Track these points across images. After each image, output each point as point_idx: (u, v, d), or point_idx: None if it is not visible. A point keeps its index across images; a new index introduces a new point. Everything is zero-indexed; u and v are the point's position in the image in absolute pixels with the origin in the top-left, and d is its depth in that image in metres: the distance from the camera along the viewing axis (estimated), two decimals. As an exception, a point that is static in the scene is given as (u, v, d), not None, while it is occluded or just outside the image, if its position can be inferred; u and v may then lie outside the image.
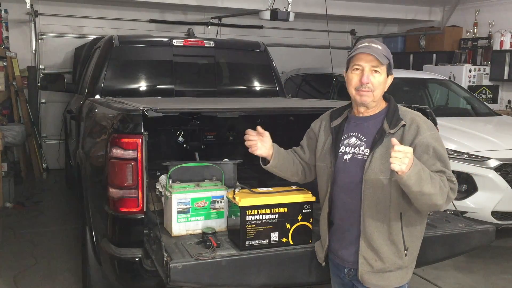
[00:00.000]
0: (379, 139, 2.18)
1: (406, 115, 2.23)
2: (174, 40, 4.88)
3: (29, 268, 4.46)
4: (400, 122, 2.18)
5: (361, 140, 2.25)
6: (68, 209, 6.28)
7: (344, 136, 2.31)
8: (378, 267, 2.22)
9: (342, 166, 2.27)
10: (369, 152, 2.19)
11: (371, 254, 2.22)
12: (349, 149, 2.27)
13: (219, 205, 2.84)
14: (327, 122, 2.42)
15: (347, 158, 2.26)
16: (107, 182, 2.81)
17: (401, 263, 2.24)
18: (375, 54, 2.15)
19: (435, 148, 2.15)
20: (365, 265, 2.23)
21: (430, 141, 2.15)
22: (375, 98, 2.21)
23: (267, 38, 8.55)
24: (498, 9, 8.80)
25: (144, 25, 8.96)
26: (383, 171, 2.14)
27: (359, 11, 9.55)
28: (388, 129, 2.18)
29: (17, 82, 7.65)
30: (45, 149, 8.59)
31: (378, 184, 2.16)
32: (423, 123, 2.20)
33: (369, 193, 2.18)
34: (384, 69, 2.20)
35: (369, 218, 2.19)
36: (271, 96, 5.19)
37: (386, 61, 2.18)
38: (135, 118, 2.70)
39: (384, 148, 2.15)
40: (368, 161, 2.17)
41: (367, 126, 2.26)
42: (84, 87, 4.94)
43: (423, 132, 2.16)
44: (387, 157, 2.08)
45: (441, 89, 7.14)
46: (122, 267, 2.80)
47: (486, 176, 4.93)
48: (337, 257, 2.37)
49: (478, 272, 4.63)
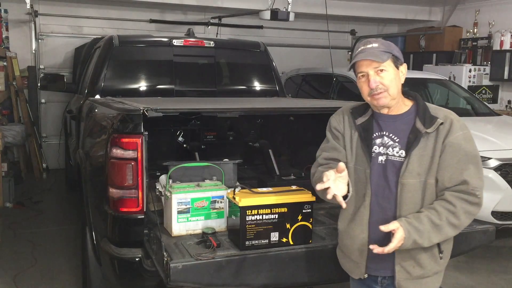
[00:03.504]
0: (414, 139, 2.07)
1: (438, 113, 2.11)
2: (174, 40, 4.87)
3: (29, 268, 4.46)
4: (437, 120, 2.07)
5: (393, 140, 2.13)
6: (68, 209, 6.27)
7: (374, 135, 2.17)
8: (416, 273, 2.14)
9: (377, 168, 2.14)
10: (405, 153, 2.08)
11: (408, 261, 2.12)
12: (382, 150, 2.14)
13: (219, 205, 2.84)
14: (350, 120, 2.26)
15: (382, 160, 2.13)
16: (107, 182, 2.81)
17: (437, 267, 2.18)
18: (371, 57, 2.06)
19: (467, 150, 2.05)
20: (402, 273, 2.14)
21: (462, 142, 2.05)
22: (392, 96, 2.09)
23: (267, 38, 8.55)
24: (498, 9, 8.80)
25: (144, 25, 8.96)
26: (419, 173, 2.06)
27: (359, 11, 9.55)
28: (423, 128, 2.07)
29: (17, 82, 7.66)
30: (45, 149, 8.59)
31: (415, 187, 2.07)
32: (456, 121, 2.09)
33: (407, 197, 2.07)
34: (388, 64, 2.08)
35: None
36: (271, 96, 5.19)
37: (387, 57, 2.08)
38: (135, 118, 2.70)
39: (421, 149, 2.06)
40: (405, 163, 2.06)
41: (398, 125, 2.14)
42: (84, 87, 4.93)
43: (455, 131, 2.05)
44: (424, 159, 2.06)
45: (441, 89, 7.14)
46: (122, 267, 2.80)
47: (486, 176, 4.90)
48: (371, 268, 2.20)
49: (478, 272, 4.62)
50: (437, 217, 2.01)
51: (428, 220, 2.00)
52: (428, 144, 2.07)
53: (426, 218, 2.01)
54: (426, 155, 2.06)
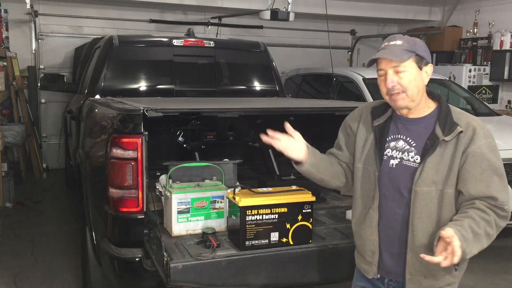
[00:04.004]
0: (431, 146, 1.96)
1: (461, 119, 1.98)
2: (174, 40, 4.87)
3: (29, 268, 4.46)
4: (456, 128, 1.94)
5: (410, 144, 2.03)
6: (68, 209, 6.28)
7: (389, 138, 2.08)
8: (427, 284, 2.04)
9: (388, 172, 2.05)
10: (420, 159, 1.98)
11: (419, 270, 2.02)
12: (396, 154, 2.05)
13: (219, 205, 2.84)
14: (367, 119, 2.17)
15: (393, 164, 2.05)
16: (107, 182, 2.81)
17: (451, 279, 2.05)
18: (391, 55, 1.95)
19: (490, 160, 1.93)
20: (413, 283, 2.04)
21: (485, 152, 1.93)
22: (411, 98, 1.98)
23: (267, 38, 8.55)
24: (498, 9, 8.80)
25: (144, 25, 8.96)
26: (435, 182, 1.95)
27: (359, 11, 9.55)
28: (441, 135, 1.95)
29: (17, 82, 7.65)
30: (45, 149, 8.59)
31: (430, 196, 1.96)
32: (480, 129, 1.95)
33: (420, 205, 1.97)
34: (409, 64, 1.96)
35: (419, 231, 1.99)
36: (271, 96, 5.19)
37: (409, 56, 1.95)
38: (135, 118, 2.70)
39: (438, 156, 1.95)
40: (419, 170, 1.96)
41: (416, 129, 2.03)
42: (84, 87, 4.93)
43: (478, 140, 1.93)
44: (441, 167, 1.95)
45: (441, 89, 7.13)
46: (122, 267, 2.80)
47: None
48: (382, 270, 2.14)
49: (478, 272, 4.62)
50: (476, 225, 1.86)
51: (470, 228, 1.84)
52: (446, 152, 1.96)
53: (468, 226, 1.84)
54: (443, 164, 1.95)
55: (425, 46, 2.04)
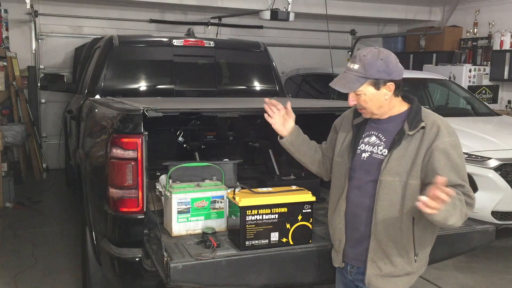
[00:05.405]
0: (398, 140, 2.15)
1: (428, 117, 2.17)
2: (174, 40, 4.87)
3: (29, 268, 4.46)
4: (420, 123, 2.13)
5: (380, 139, 2.22)
6: (68, 209, 6.28)
7: (364, 134, 2.28)
8: (387, 270, 2.19)
9: (360, 164, 2.24)
10: (387, 152, 2.16)
11: (380, 256, 2.18)
12: (368, 148, 2.25)
13: (219, 205, 2.84)
14: (349, 119, 2.40)
15: (365, 156, 2.24)
16: (107, 182, 2.81)
17: (410, 269, 2.21)
18: (342, 88, 2.14)
19: (451, 156, 2.07)
20: (373, 268, 2.20)
21: (448, 148, 2.08)
22: (374, 111, 2.19)
23: (267, 38, 8.55)
24: (498, 9, 8.80)
25: (144, 25, 8.96)
26: (399, 173, 2.12)
27: (359, 11, 9.54)
28: (407, 130, 2.13)
29: (17, 82, 7.65)
30: (45, 149, 8.59)
31: (393, 185, 2.12)
32: (444, 128, 2.13)
33: (383, 193, 2.14)
34: (365, 88, 2.12)
35: (381, 219, 2.15)
36: (271, 96, 5.19)
37: (361, 83, 2.10)
38: (135, 118, 2.71)
39: (403, 149, 2.12)
40: (385, 161, 2.14)
41: (388, 127, 2.22)
42: (84, 87, 4.94)
43: (442, 137, 2.09)
44: (405, 159, 2.11)
45: (441, 89, 7.14)
46: (122, 267, 2.80)
47: (486, 176, 4.92)
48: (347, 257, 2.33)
49: (478, 272, 4.63)
50: (459, 199, 1.98)
51: (458, 197, 1.97)
52: (411, 146, 2.12)
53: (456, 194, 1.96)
54: (407, 156, 2.11)
55: (386, 64, 2.10)
